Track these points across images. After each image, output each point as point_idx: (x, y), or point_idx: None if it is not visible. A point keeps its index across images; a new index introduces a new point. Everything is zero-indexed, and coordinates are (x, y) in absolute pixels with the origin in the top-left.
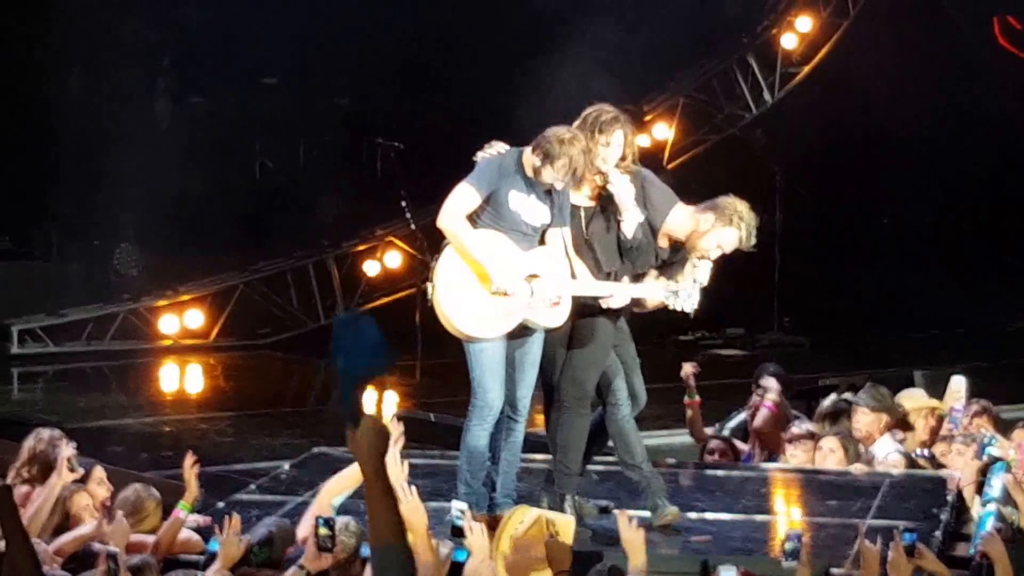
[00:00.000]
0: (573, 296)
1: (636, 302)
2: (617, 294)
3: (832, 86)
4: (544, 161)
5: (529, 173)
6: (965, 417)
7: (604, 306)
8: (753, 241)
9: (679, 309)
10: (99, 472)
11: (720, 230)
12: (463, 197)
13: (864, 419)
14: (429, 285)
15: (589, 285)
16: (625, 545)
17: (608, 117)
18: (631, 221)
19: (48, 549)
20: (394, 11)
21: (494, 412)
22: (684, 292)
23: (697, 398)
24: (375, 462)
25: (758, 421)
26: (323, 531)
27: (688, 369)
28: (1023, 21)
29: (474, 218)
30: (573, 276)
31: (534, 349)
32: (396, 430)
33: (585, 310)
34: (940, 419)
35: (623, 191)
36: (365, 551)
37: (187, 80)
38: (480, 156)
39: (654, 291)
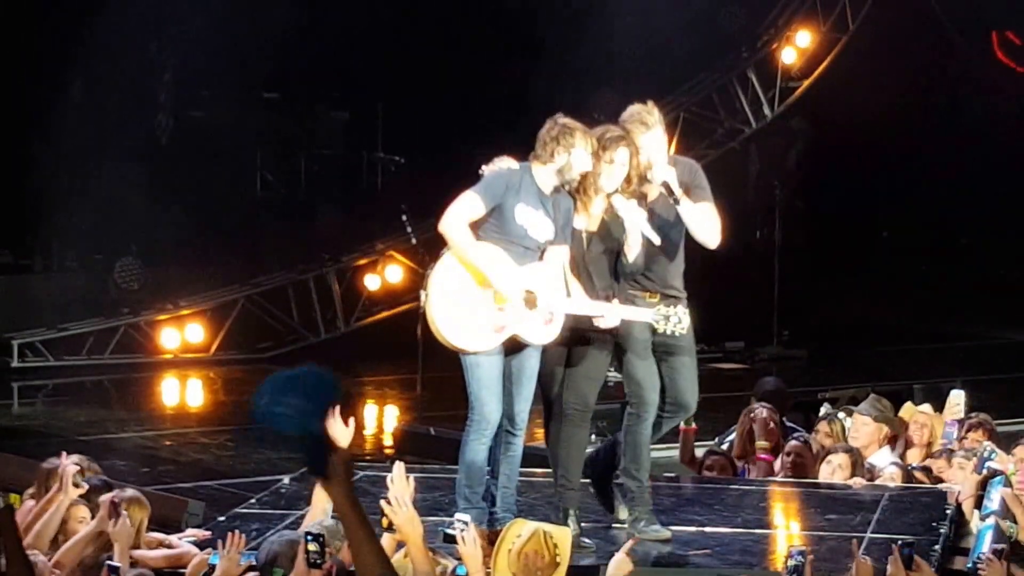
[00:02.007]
0: (569, 314)
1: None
2: (609, 314)
3: (831, 100)
4: (563, 151)
5: (542, 187)
6: (960, 431)
7: (596, 325)
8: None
9: (668, 332)
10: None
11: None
12: (467, 205)
13: (865, 429)
14: (423, 294)
15: (582, 304)
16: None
17: (613, 135)
18: (636, 247)
19: (47, 563)
20: (396, 27)
21: (492, 426)
22: (674, 316)
23: (693, 425)
24: (346, 490)
25: (754, 473)
26: (312, 547)
27: None
28: (1021, 36)
29: (477, 230)
30: (568, 294)
31: (531, 363)
32: (411, 485)
33: (583, 326)
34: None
35: (633, 219)
36: None
37: (188, 94)
38: (487, 169)
39: (644, 314)
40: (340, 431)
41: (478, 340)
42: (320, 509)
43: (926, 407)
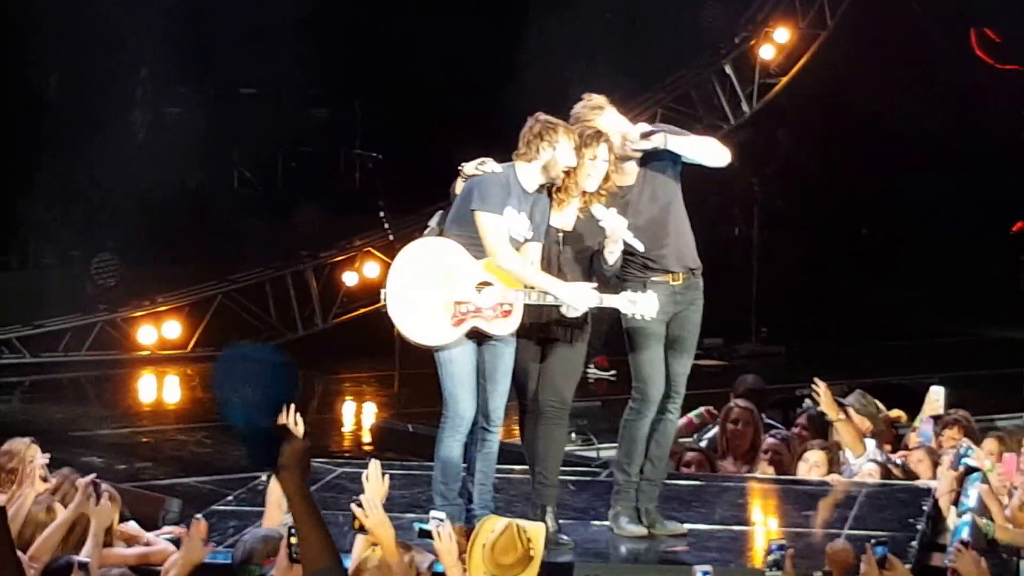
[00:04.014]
0: (545, 308)
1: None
2: (576, 302)
3: (811, 97)
4: (547, 147)
5: (526, 186)
6: (936, 429)
7: (564, 313)
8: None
9: (639, 316)
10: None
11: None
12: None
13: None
14: (383, 293)
15: (543, 294)
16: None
17: (592, 132)
18: (615, 251)
19: (25, 557)
20: (373, 24)
21: (466, 422)
22: (644, 301)
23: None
24: (298, 480)
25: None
26: (295, 540)
27: None
28: (1000, 33)
29: (459, 227)
30: None
31: (506, 360)
32: (385, 484)
33: (558, 321)
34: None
35: (614, 228)
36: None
37: (165, 90)
38: (470, 170)
39: (613, 300)
40: (293, 423)
41: (437, 334)
42: (276, 507)
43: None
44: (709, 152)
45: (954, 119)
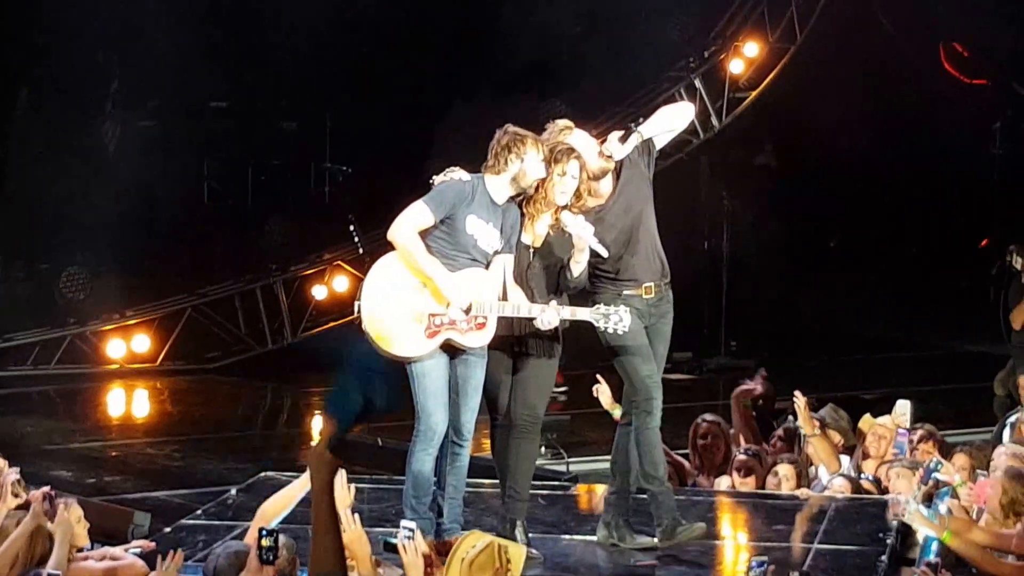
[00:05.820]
0: (515, 319)
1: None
2: (546, 315)
3: (779, 110)
4: (516, 159)
5: (495, 198)
6: (911, 442)
7: (538, 326)
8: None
9: (611, 330)
10: (77, 511)
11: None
12: (417, 214)
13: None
14: (357, 305)
15: (518, 306)
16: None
17: (563, 147)
18: (581, 263)
19: None
20: (343, 36)
21: (438, 436)
22: (615, 315)
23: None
24: (326, 477)
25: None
26: (266, 542)
27: None
28: (968, 47)
29: (427, 239)
30: (506, 299)
31: (477, 373)
32: (350, 495)
33: (531, 334)
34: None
35: (582, 235)
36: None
37: (135, 103)
38: (439, 180)
39: (583, 313)
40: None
41: (411, 346)
42: (264, 523)
43: (886, 419)
44: (675, 118)
45: (924, 132)
